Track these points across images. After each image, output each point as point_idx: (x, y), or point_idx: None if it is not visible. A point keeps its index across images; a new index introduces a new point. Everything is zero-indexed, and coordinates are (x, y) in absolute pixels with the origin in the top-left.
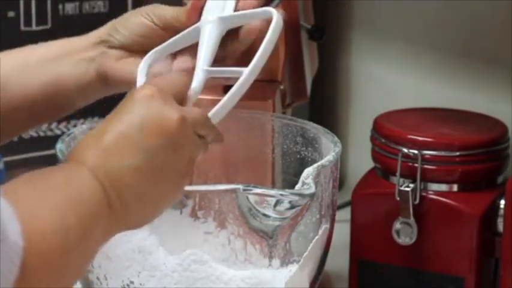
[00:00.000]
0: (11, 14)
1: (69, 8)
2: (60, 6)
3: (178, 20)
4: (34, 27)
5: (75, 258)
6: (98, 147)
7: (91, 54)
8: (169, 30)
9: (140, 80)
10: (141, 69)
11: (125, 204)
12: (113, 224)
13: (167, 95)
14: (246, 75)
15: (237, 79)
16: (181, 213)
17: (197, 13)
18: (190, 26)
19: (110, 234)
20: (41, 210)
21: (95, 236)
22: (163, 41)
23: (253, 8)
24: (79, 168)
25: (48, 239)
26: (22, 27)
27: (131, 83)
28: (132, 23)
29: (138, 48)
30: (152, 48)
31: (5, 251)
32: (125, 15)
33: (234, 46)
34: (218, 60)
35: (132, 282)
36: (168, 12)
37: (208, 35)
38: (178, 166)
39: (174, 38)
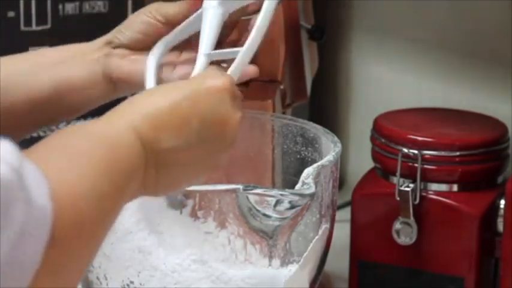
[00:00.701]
0: (11, 14)
1: (69, 8)
2: (60, 6)
3: (181, 14)
4: (34, 27)
5: (107, 223)
6: (153, 115)
7: (96, 56)
8: (173, 25)
9: (150, 72)
10: (150, 61)
11: (158, 177)
12: (140, 190)
13: (235, 90)
14: (242, 52)
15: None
16: (181, 213)
17: (199, 2)
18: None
19: (134, 198)
20: (70, 175)
21: (125, 199)
22: None
23: None
24: (122, 124)
25: (80, 207)
26: (22, 27)
27: (136, 80)
28: (135, 22)
29: (141, 46)
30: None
31: (33, 214)
32: (129, 18)
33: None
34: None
35: (132, 282)
36: (170, 8)
37: (210, 19)
38: (217, 160)
39: (179, 26)
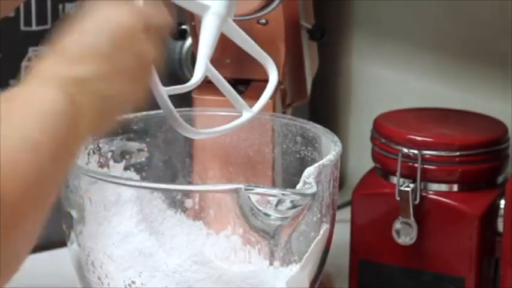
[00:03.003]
0: (11, 14)
1: (69, 8)
2: (60, 6)
3: None
4: (34, 27)
5: (53, 172)
6: (63, 57)
7: None
8: None
9: None
10: None
11: (94, 109)
12: (85, 131)
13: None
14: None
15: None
16: (181, 213)
17: None
18: None
19: (82, 140)
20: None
21: (70, 146)
22: None
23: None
24: (41, 83)
25: (17, 158)
26: (22, 27)
27: None
28: None
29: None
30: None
31: None
32: None
33: None
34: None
35: (133, 282)
36: None
37: (209, 25)
38: (136, 65)
39: None
